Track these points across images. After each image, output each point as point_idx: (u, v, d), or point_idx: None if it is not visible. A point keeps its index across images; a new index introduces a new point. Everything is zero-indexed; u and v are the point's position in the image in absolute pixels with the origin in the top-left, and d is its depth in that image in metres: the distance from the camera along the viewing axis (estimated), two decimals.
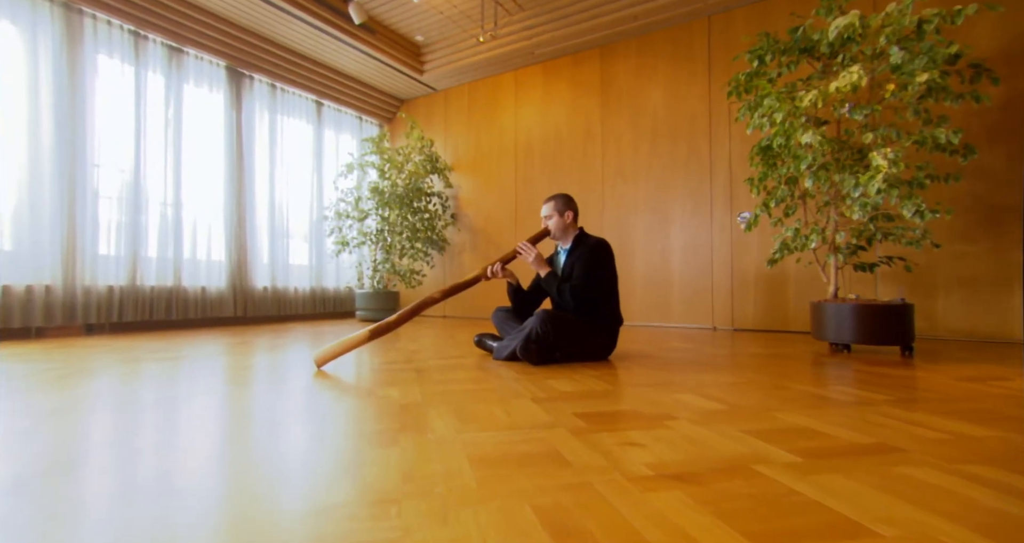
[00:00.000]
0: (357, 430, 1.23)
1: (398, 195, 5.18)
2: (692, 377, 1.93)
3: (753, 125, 2.78)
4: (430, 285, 5.97)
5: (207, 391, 1.69)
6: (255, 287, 4.87)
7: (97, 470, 0.95)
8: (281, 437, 1.17)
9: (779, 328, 3.98)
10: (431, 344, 3.10)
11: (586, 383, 1.81)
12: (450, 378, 1.93)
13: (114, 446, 1.10)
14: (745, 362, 2.35)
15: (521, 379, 1.90)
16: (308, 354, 2.63)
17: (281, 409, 1.44)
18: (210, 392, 1.67)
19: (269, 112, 5.09)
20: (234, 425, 1.28)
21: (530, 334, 2.22)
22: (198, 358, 2.47)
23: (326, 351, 2.14)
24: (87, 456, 1.03)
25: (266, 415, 1.38)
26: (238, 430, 1.23)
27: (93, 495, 0.84)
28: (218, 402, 1.53)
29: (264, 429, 1.24)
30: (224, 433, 1.21)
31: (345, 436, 1.18)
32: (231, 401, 1.55)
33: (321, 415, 1.37)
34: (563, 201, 2.53)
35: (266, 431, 1.22)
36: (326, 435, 1.18)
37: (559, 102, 5.16)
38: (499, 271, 2.45)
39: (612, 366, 2.21)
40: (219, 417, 1.36)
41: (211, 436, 1.18)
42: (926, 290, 3.46)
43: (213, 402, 1.53)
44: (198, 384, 1.81)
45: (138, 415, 1.37)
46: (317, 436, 1.17)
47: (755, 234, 4.07)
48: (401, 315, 2.26)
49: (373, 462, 0.99)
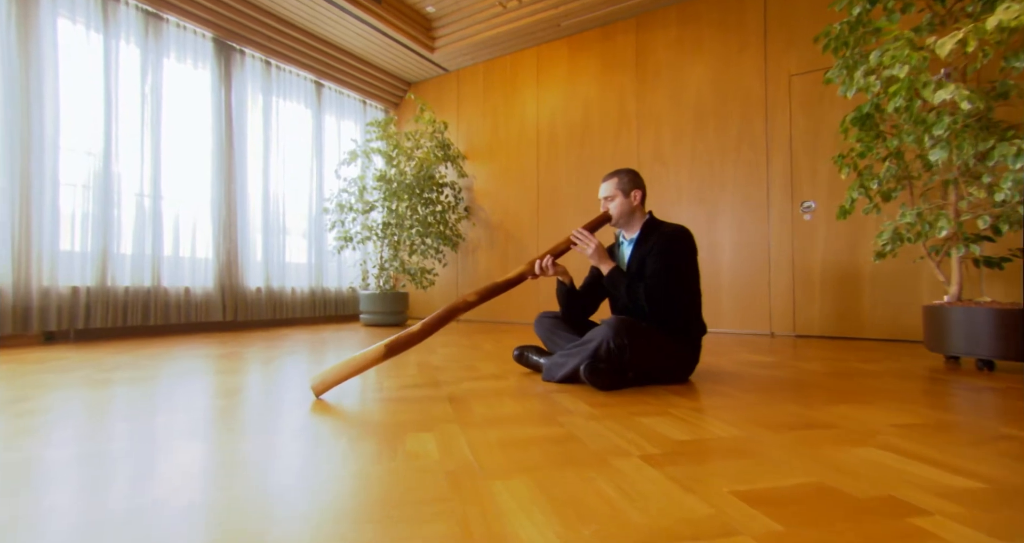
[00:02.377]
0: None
1: (407, 184, 4.63)
2: (837, 412, 1.38)
3: (856, 87, 2.24)
4: (443, 286, 5.42)
5: (166, 439, 1.15)
6: (247, 288, 4.33)
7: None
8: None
9: (851, 335, 3.44)
10: (454, 357, 2.56)
11: (697, 423, 1.27)
12: (500, 415, 1.38)
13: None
14: (879, 385, 1.80)
15: (600, 415, 1.35)
16: (307, 372, 2.09)
17: (264, 484, 0.90)
18: (169, 441, 1.13)
19: (263, 93, 4.55)
20: (191, 521, 0.73)
21: (599, 349, 1.67)
22: (170, 378, 1.92)
23: (328, 375, 1.60)
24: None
25: (245, 497, 0.83)
26: (198, 532, 0.69)
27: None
28: (174, 467, 0.99)
29: (241, 531, 0.69)
30: (169, 533, 0.67)
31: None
32: (194, 463, 1.00)
33: (323, 501, 0.83)
34: (629, 178, 1.99)
35: (242, 538, 0.68)
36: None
37: (587, 81, 4.61)
38: (550, 267, 1.91)
39: (697, 390, 1.67)
40: (172, 503, 0.81)
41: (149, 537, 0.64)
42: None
43: (167, 466, 0.99)
44: (158, 425, 1.26)
45: (55, 481, 0.83)
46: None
47: (821, 226, 3.53)
48: (427, 324, 1.72)
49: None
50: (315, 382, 1.59)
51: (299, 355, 2.62)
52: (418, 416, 1.37)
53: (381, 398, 1.60)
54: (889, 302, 3.31)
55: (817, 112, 3.54)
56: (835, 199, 3.47)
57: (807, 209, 3.58)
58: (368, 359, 1.63)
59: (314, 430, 1.24)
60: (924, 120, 2.06)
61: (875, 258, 2.38)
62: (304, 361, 2.41)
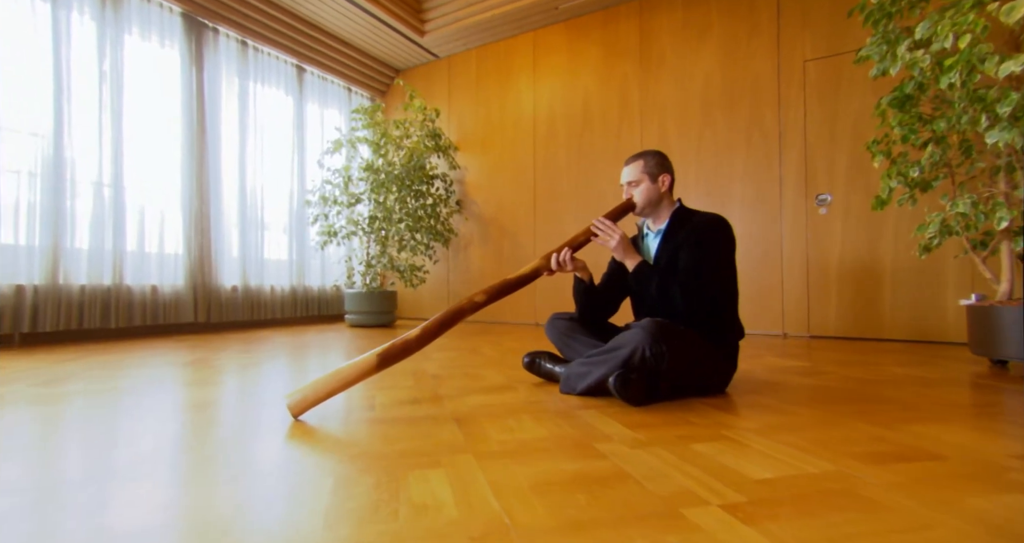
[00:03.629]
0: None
1: (396, 175, 4.33)
2: (928, 435, 1.15)
3: (901, 63, 2.03)
4: (433, 284, 5.14)
5: (96, 484, 0.86)
6: (222, 287, 4.00)
7: None
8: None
9: (869, 336, 3.25)
10: (453, 363, 2.29)
11: (768, 452, 1.03)
12: (522, 442, 1.12)
13: None
14: (944, 397, 1.59)
15: (645, 441, 1.10)
16: (286, 382, 1.80)
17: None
18: (100, 488, 0.84)
19: (239, 77, 4.21)
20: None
21: (631, 358, 1.42)
22: (124, 394, 1.62)
23: (308, 392, 1.32)
24: None
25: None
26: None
27: None
28: (94, 533, 0.71)
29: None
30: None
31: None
32: (126, 526, 0.72)
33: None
34: (656, 160, 1.74)
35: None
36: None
37: (587, 68, 4.37)
38: (568, 261, 1.65)
39: (740, 404, 1.44)
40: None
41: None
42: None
43: (84, 533, 0.70)
44: (92, 462, 0.97)
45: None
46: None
47: (837, 220, 3.34)
48: (427, 329, 1.45)
49: None
50: (292, 400, 1.31)
51: (278, 361, 2.32)
52: (421, 444, 1.11)
53: (373, 419, 1.33)
54: (911, 301, 3.13)
55: (833, 100, 3.35)
56: (853, 192, 3.29)
57: (822, 202, 3.39)
58: (357, 371, 1.36)
59: (290, 467, 0.96)
60: (983, 98, 1.86)
61: (920, 253, 2.18)
62: (283, 369, 2.12)
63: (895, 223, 3.16)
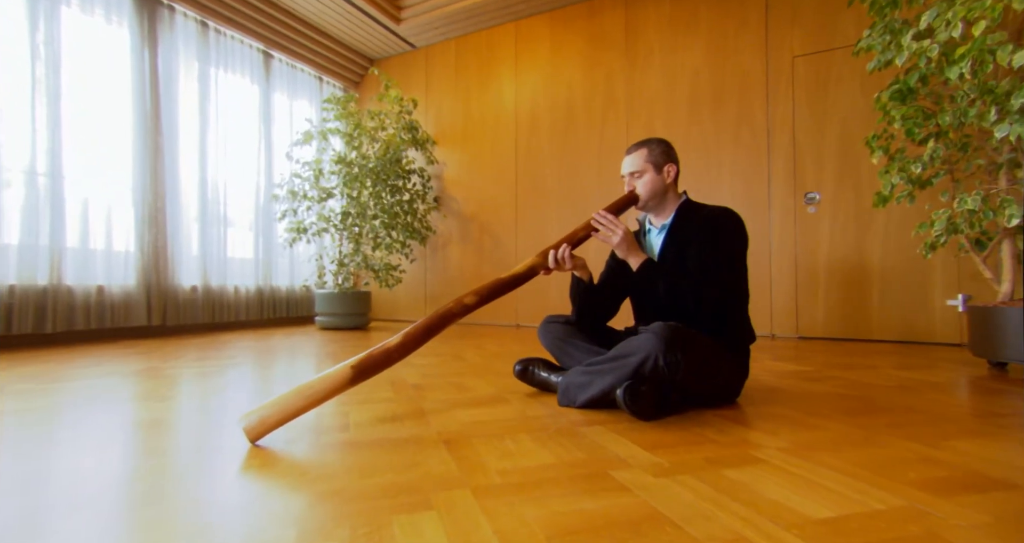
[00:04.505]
0: None
1: (371, 169, 4.10)
2: (982, 456, 1.04)
3: (908, 52, 1.94)
4: (410, 284, 4.91)
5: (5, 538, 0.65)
6: (179, 287, 3.68)
7: None
8: None
9: (858, 337, 3.21)
10: (436, 371, 2.10)
11: (817, 479, 0.88)
12: (526, 470, 0.95)
13: None
14: (967, 405, 1.49)
15: (670, 467, 0.95)
16: (248, 395, 1.58)
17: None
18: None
19: (199, 61, 3.90)
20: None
21: (642, 367, 1.27)
22: (50, 413, 1.37)
23: (269, 412, 1.11)
24: None
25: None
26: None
27: None
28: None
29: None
30: None
31: None
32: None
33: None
34: (661, 149, 1.60)
35: None
36: None
37: (572, 60, 4.23)
38: (567, 259, 1.49)
39: (757, 416, 1.30)
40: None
41: None
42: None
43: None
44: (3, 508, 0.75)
45: None
46: None
47: (826, 219, 3.29)
48: (410, 336, 1.26)
49: None
50: (249, 422, 1.10)
51: (240, 369, 2.08)
52: (406, 476, 0.92)
53: (347, 442, 1.13)
54: (899, 302, 3.10)
55: (822, 97, 3.30)
56: (842, 190, 3.24)
57: (811, 201, 3.34)
58: (328, 386, 1.16)
59: (242, 515, 0.76)
60: (992, 90, 1.78)
61: (926, 252, 2.10)
62: (245, 378, 1.88)
63: (884, 222, 3.13)
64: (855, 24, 3.18)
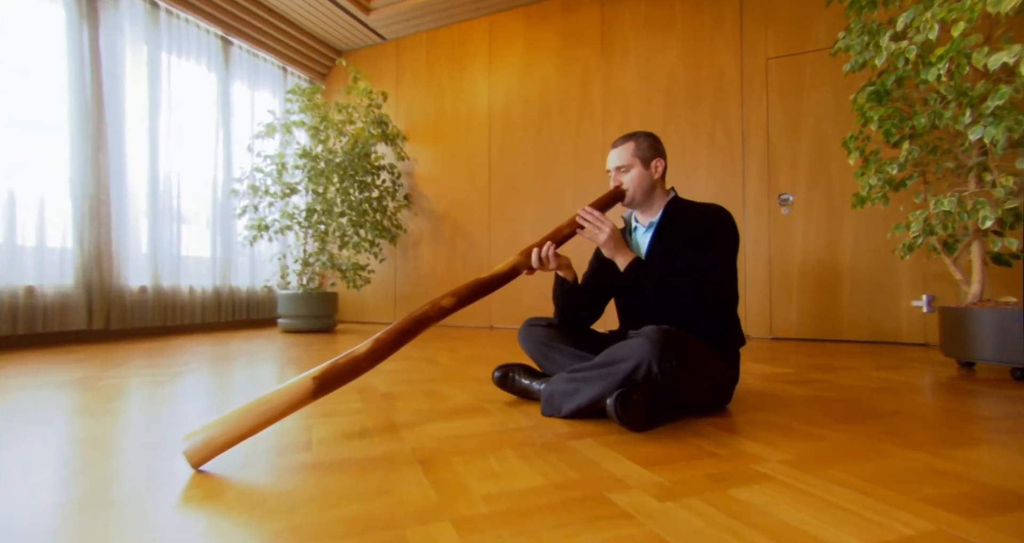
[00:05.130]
0: None
1: (338, 164, 3.91)
2: (982, 460, 0.99)
3: (887, 53, 1.94)
4: (379, 285, 4.72)
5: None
6: (126, 287, 3.40)
7: None
8: None
9: (829, 337, 3.25)
10: (407, 377, 1.97)
11: (837, 501, 0.81)
12: (514, 494, 0.85)
13: None
14: (948, 407, 1.48)
15: (672, 487, 0.86)
16: (198, 409, 1.41)
17: None
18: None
19: (148, 44, 3.62)
20: None
21: (634, 374, 1.18)
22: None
23: (215, 433, 0.97)
24: None
25: None
26: None
27: None
28: None
29: None
30: None
31: None
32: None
33: None
34: (649, 142, 1.52)
35: None
36: None
37: (547, 57, 4.15)
38: (551, 258, 1.40)
39: (747, 423, 1.24)
40: None
41: None
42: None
43: None
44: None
45: None
46: None
47: (799, 220, 3.32)
48: (381, 342, 1.14)
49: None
50: (193, 445, 0.95)
51: (192, 377, 1.89)
52: (377, 505, 0.80)
53: (308, 464, 1.00)
54: (867, 302, 3.15)
55: (795, 99, 3.33)
56: (815, 192, 3.27)
57: (784, 202, 3.36)
58: (286, 401, 1.02)
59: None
60: (966, 92, 1.79)
61: (904, 253, 2.12)
62: (197, 388, 1.70)
63: (854, 224, 3.17)
64: (827, 28, 3.22)
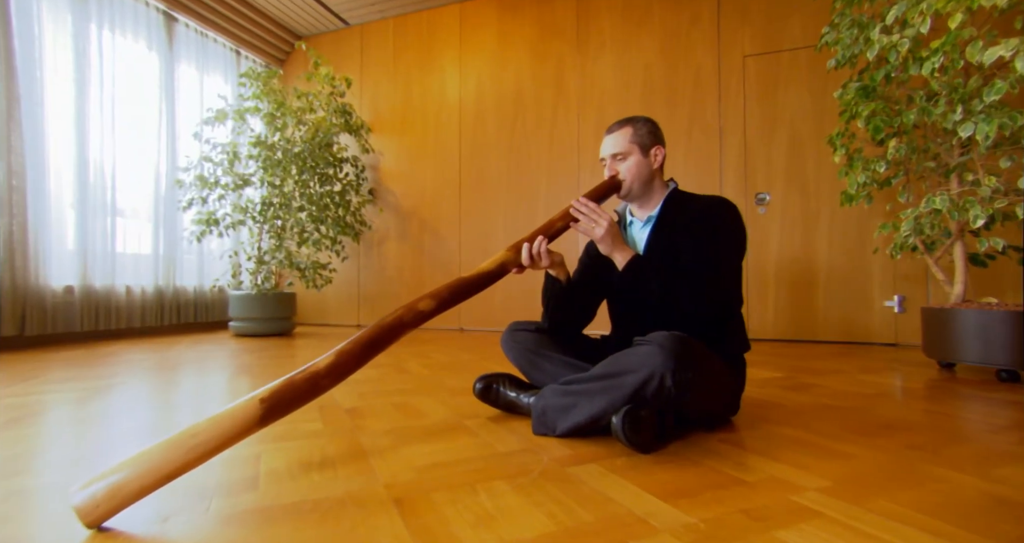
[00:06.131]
0: None
1: (296, 154, 3.62)
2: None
3: (879, 47, 1.88)
4: (341, 285, 4.44)
5: None
6: (47, 288, 3.01)
7: None
8: None
9: (805, 338, 3.24)
10: (375, 388, 1.76)
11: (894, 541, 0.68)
12: (515, 542, 0.67)
13: None
14: (951, 415, 1.40)
15: (707, 530, 0.71)
16: (108, 446, 1.16)
17: None
18: None
19: (74, 15, 3.23)
20: None
21: (644, 388, 1.03)
22: None
23: (124, 480, 0.74)
24: None
25: None
26: None
27: None
28: None
29: None
30: None
31: None
32: None
33: None
34: (647, 128, 1.39)
35: None
36: None
37: (521, 49, 3.99)
38: (543, 255, 1.23)
39: (762, 439, 1.12)
40: None
41: None
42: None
43: None
44: None
45: None
46: None
47: (775, 220, 3.29)
48: (346, 355, 0.94)
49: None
50: (90, 499, 0.72)
51: (116, 393, 1.61)
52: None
53: (254, 509, 0.79)
54: (841, 303, 3.15)
55: (772, 97, 3.30)
56: (791, 191, 3.25)
57: (761, 201, 3.33)
58: (225, 431, 0.81)
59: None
60: (957, 87, 1.75)
61: (895, 253, 2.07)
62: (119, 409, 1.44)
63: (828, 224, 3.17)
64: (802, 27, 3.20)
